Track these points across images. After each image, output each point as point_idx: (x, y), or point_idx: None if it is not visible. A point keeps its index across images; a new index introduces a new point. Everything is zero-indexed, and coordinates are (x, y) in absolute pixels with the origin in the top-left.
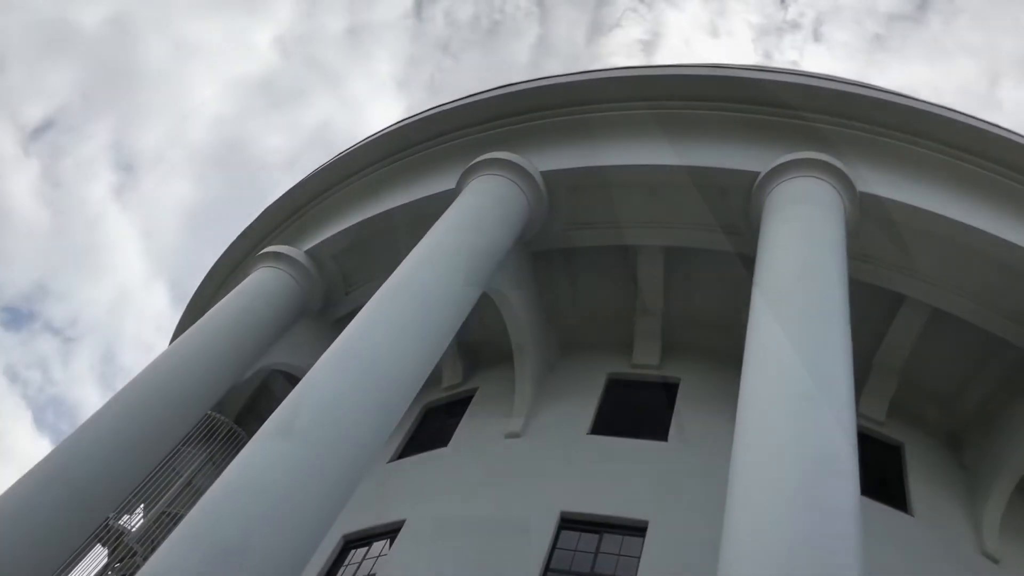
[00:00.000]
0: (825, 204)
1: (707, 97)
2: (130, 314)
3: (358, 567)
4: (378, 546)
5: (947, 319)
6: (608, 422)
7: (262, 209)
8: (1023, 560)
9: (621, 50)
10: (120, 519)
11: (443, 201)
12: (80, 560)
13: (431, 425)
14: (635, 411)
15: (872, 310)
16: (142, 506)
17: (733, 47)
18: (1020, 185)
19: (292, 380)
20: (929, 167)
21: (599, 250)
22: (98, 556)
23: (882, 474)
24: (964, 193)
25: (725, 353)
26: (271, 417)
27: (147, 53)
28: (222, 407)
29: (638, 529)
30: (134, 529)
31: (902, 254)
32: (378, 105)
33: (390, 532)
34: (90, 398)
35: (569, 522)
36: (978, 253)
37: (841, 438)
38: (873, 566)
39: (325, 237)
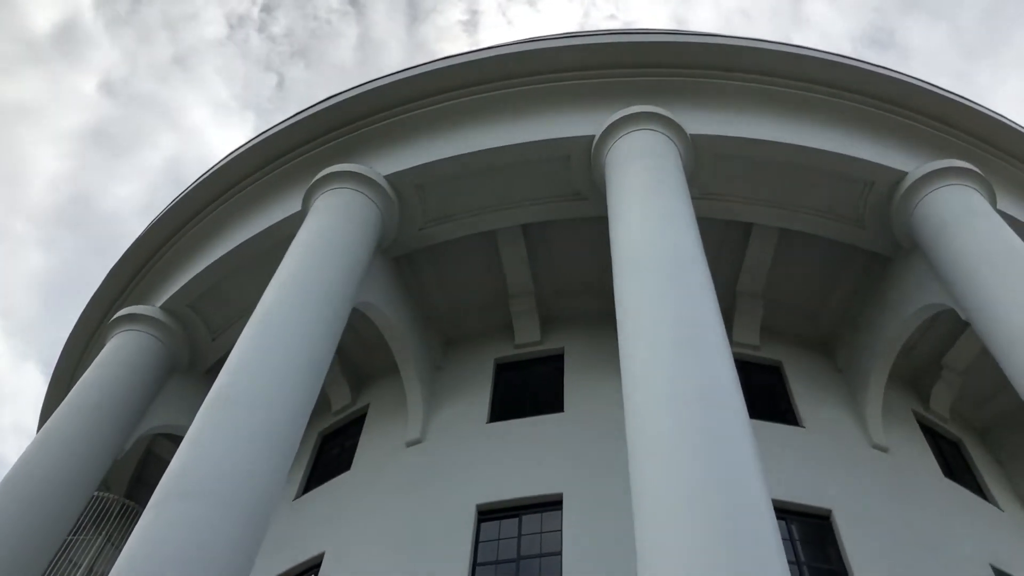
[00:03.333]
0: (660, 153)
1: (530, 72)
2: (2, 403)
3: None
4: None
5: (796, 237)
6: (505, 407)
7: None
8: (908, 444)
9: (443, 34)
10: None
11: (293, 224)
12: None
13: (330, 452)
14: (528, 390)
15: (725, 243)
16: None
17: (551, 11)
18: (836, 99)
19: (176, 440)
20: (750, 97)
21: (460, 241)
22: None
23: (769, 394)
24: (786, 115)
25: (601, 314)
26: (162, 481)
27: None
28: (108, 485)
29: (554, 503)
30: None
31: (741, 185)
32: (224, 129)
33: (311, 568)
34: None
35: (487, 513)
36: (811, 169)
37: (722, 371)
38: (776, 481)
39: (178, 287)
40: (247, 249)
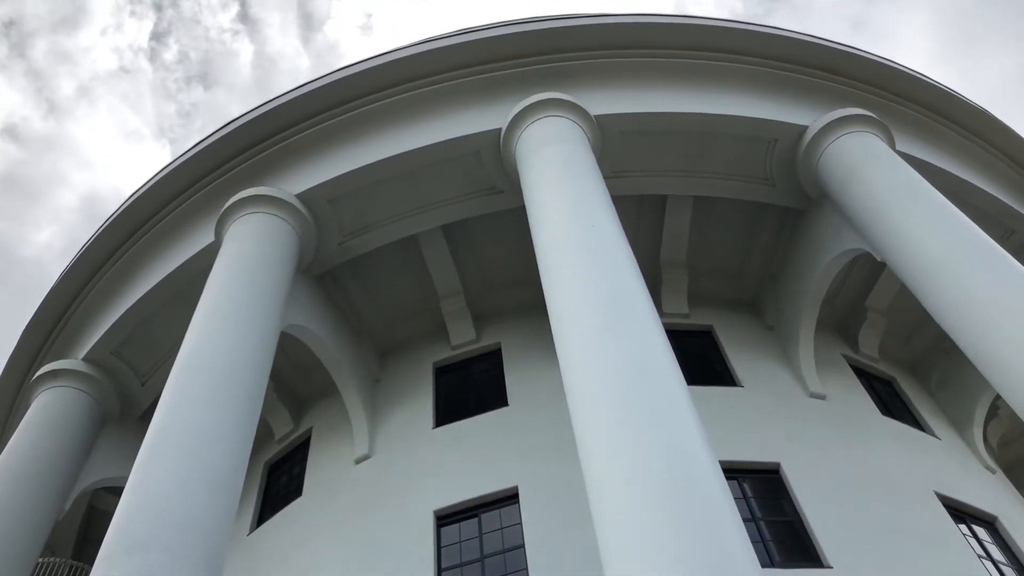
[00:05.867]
0: (567, 137)
1: (429, 73)
2: None
3: None
4: None
5: (710, 203)
6: (449, 409)
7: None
8: (844, 389)
9: (341, 39)
10: None
11: (209, 256)
12: None
13: (279, 481)
14: (471, 389)
15: (642, 217)
16: None
17: (447, 4)
18: (732, 63)
19: (118, 492)
20: (648, 72)
21: (381, 250)
22: None
23: (704, 359)
24: (685, 85)
25: (533, 305)
26: (107, 536)
27: None
28: (53, 548)
29: (510, 497)
30: None
31: (649, 159)
32: (137, 159)
33: None
34: None
35: (445, 518)
36: (714, 135)
37: (654, 342)
38: (722, 442)
39: (99, 336)
40: (165, 288)
